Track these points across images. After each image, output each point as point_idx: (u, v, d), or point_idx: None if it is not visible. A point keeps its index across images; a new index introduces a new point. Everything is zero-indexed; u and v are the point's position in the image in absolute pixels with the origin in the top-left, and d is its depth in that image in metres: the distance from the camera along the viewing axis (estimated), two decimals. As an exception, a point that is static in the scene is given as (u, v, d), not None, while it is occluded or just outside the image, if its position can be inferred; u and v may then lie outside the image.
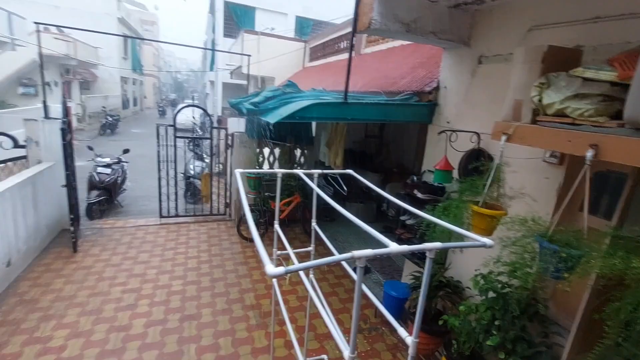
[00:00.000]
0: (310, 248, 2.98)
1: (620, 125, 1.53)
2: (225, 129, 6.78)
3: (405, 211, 3.66)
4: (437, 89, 3.51)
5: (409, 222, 3.67)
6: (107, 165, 6.76)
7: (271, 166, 6.84)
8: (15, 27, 11.02)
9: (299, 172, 2.78)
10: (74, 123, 13.43)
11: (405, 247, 1.45)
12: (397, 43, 6.08)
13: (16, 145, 5.23)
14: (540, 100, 1.85)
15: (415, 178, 3.66)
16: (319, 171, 2.80)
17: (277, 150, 6.77)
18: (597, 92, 1.63)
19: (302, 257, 2.52)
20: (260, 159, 6.62)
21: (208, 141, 6.96)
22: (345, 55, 8.38)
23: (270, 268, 1.30)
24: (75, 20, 18.13)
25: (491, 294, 2.57)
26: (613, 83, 1.59)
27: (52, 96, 16.72)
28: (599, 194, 2.22)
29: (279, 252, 2.83)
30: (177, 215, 6.50)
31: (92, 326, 3.46)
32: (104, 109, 18.54)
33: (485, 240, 1.53)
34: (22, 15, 11.50)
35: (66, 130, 4.69)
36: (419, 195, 3.23)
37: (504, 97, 2.17)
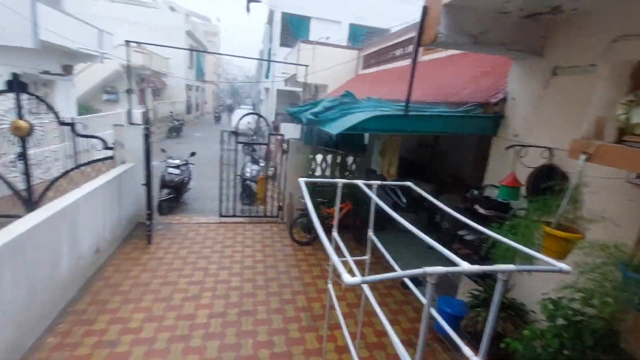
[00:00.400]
0: (367, 257, 3.05)
1: None
2: (282, 135, 7.11)
3: (464, 226, 3.56)
4: (504, 100, 3.38)
5: (467, 237, 3.56)
6: (177, 167, 7.45)
7: (323, 172, 7.01)
8: (104, 42, 12.59)
9: (359, 182, 2.87)
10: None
11: (477, 268, 1.46)
12: (458, 51, 5.91)
13: (105, 147, 6.02)
14: (627, 119, 1.73)
15: (475, 192, 3.54)
16: (378, 182, 2.86)
17: (329, 157, 6.93)
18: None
19: (357, 265, 2.60)
20: (313, 165, 6.83)
21: (262, 145, 7.35)
22: (401, 63, 8.31)
23: (347, 277, 1.40)
24: (150, 33, 20.25)
25: (561, 321, 2.41)
26: None
27: (130, 101, 18.78)
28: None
29: (338, 258, 2.93)
30: (234, 215, 6.95)
31: (163, 312, 3.86)
32: (171, 113, 20.34)
33: (562, 265, 1.49)
34: (109, 32, 13.10)
35: (148, 135, 5.30)
36: (481, 210, 3.13)
37: (582, 112, 2.06)
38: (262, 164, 8.78)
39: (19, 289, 2.99)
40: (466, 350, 1.63)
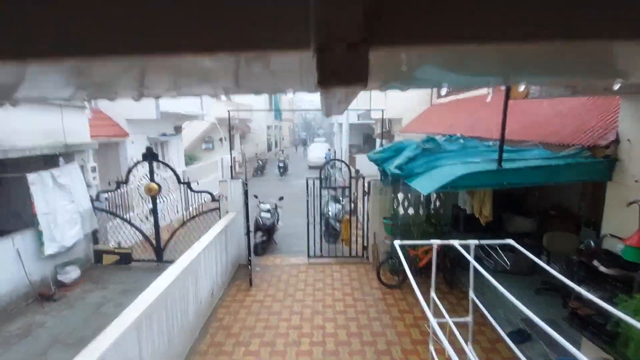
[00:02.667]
0: (469, 319, 2.96)
1: None
2: (363, 177, 7.35)
3: (582, 281, 3.20)
4: (616, 141, 3.05)
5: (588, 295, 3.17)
6: (268, 211, 8.21)
7: (405, 211, 6.96)
8: (204, 103, 14.86)
9: (455, 242, 2.87)
10: (236, 168, 16.89)
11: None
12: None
13: (213, 199, 7.02)
14: None
15: (592, 243, 3.18)
16: (476, 242, 2.82)
17: (411, 195, 6.88)
18: None
19: (459, 326, 2.55)
20: (395, 204, 6.85)
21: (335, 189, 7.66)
22: (480, 91, 7.98)
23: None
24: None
25: None
26: None
27: (223, 149, 21.46)
28: None
29: (436, 320, 2.92)
30: (321, 256, 7.28)
31: (269, 357, 4.22)
32: (256, 154, 22.55)
33: None
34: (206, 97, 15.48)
35: (247, 190, 6.05)
36: (602, 268, 2.79)
37: None
38: (342, 202, 9.10)
39: (162, 337, 3.65)
40: None
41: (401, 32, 0.37)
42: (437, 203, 7.04)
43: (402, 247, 6.34)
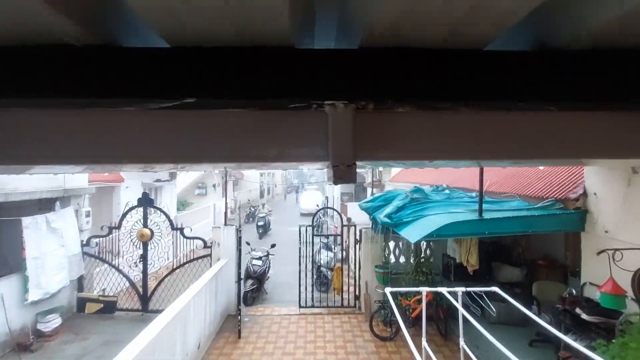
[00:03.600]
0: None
1: None
2: (355, 226, 7.50)
3: (569, 330, 3.27)
4: (584, 195, 3.35)
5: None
6: (259, 258, 8.16)
7: (397, 259, 7.03)
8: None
9: (443, 290, 2.99)
10: (228, 214, 16.93)
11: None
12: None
13: (205, 246, 7.02)
14: None
15: (573, 291, 3.32)
16: (463, 289, 2.94)
17: (402, 243, 7.00)
18: None
19: None
20: (387, 253, 6.93)
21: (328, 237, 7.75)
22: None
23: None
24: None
25: None
26: None
27: (216, 194, 21.60)
28: None
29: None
30: (313, 306, 7.13)
31: (257, 416, 4.00)
32: (248, 201, 22.66)
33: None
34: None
35: (240, 237, 6.12)
36: (584, 316, 2.91)
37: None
38: (334, 250, 9.12)
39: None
40: None
41: (371, 155, 0.77)
42: (428, 252, 7.14)
43: (394, 297, 6.34)
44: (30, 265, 5.79)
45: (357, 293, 7.19)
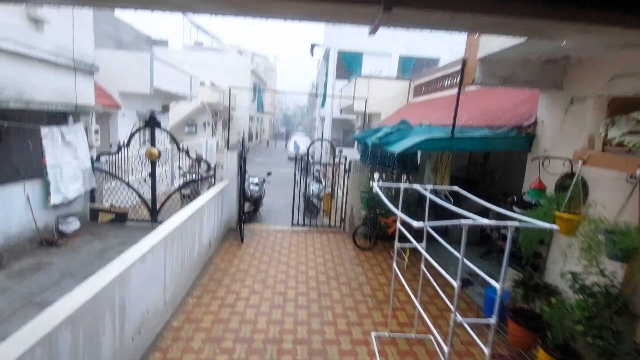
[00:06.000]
0: (423, 244, 3.97)
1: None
2: (346, 157, 8.32)
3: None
4: (535, 123, 4.20)
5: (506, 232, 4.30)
6: (256, 184, 9.00)
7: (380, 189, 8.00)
8: (193, 84, 15.28)
9: (417, 186, 3.88)
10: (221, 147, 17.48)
11: (490, 222, 2.41)
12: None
13: (208, 168, 7.72)
14: (606, 135, 2.58)
15: (515, 198, 4.31)
16: (431, 186, 3.84)
17: (385, 175, 7.93)
18: (647, 129, 2.33)
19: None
20: (371, 183, 7.87)
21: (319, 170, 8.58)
22: (448, 92, 9.21)
23: (415, 223, 2.43)
24: (222, 74, 23.59)
25: (581, 291, 3.10)
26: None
27: (206, 132, 21.74)
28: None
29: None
30: (304, 225, 8.18)
31: (262, 289, 5.07)
32: (238, 142, 22.98)
33: (552, 225, 2.37)
34: (196, 75, 15.89)
35: (242, 158, 6.83)
36: (517, 209, 3.91)
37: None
38: (323, 183, 10.06)
39: (177, 261, 4.40)
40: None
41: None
42: (407, 183, 8.13)
43: (374, 217, 7.31)
44: (50, 172, 6.37)
45: (342, 216, 8.25)
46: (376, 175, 7.90)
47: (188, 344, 3.73)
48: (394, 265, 3.97)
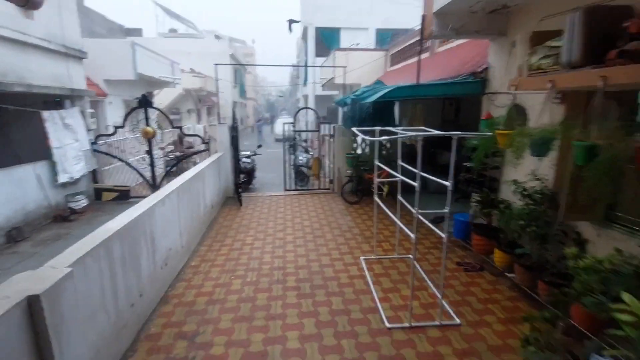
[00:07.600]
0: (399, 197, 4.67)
1: (563, 68, 2.91)
2: (330, 122, 8.94)
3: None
4: (487, 68, 4.89)
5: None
6: (248, 157, 9.57)
7: (363, 150, 8.69)
8: (175, 71, 15.46)
9: (390, 128, 4.54)
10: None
11: (437, 132, 3.11)
12: (464, 40, 7.38)
13: (203, 142, 8.24)
14: (529, 62, 3.27)
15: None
16: (413, 133, 4.50)
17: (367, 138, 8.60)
18: (554, 53, 3.02)
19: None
20: (355, 145, 8.55)
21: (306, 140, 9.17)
22: (422, 56, 9.83)
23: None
24: (202, 60, 23.53)
25: (522, 194, 3.88)
26: (562, 46, 2.96)
27: (190, 119, 21.91)
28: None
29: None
30: (296, 189, 8.85)
31: (263, 237, 5.76)
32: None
33: (487, 134, 3.07)
34: (176, 61, 16.03)
35: (233, 132, 7.38)
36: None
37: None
38: (311, 153, 10.68)
39: (187, 212, 5.02)
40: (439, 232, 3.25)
41: None
42: (388, 144, 8.84)
43: (359, 174, 7.97)
44: (55, 153, 6.81)
45: (331, 179, 8.94)
46: (359, 139, 8.57)
47: (206, 275, 4.42)
48: (375, 198, 4.69)
